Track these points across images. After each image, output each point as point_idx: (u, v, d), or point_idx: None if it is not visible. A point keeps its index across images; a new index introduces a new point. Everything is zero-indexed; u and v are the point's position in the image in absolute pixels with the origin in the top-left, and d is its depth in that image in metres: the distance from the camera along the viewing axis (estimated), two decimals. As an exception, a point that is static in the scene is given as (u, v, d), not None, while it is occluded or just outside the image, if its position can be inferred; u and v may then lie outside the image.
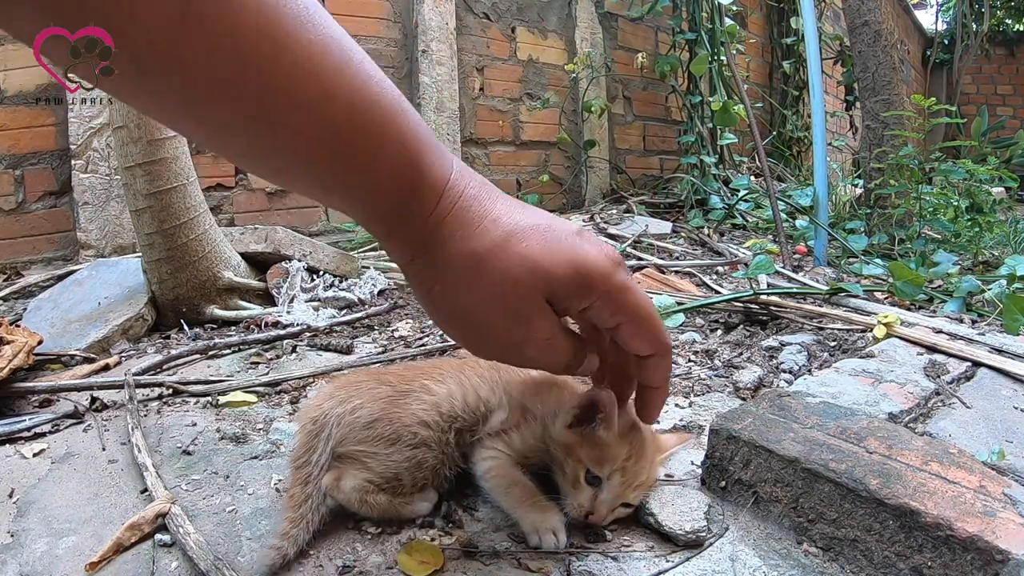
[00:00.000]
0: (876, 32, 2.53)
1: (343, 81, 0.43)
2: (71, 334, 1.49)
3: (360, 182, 0.47)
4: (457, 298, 0.52)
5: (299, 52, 0.40)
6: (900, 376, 1.06)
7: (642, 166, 4.09)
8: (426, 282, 0.52)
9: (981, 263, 2.29)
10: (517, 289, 0.51)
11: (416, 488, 0.74)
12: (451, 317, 0.54)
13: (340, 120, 0.44)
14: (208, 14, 0.37)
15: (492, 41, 3.29)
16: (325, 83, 0.42)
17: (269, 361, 1.35)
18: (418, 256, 0.51)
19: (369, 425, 0.74)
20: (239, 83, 0.40)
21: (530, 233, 0.52)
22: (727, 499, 0.76)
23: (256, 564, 0.67)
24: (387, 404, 0.75)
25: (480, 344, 0.56)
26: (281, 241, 1.78)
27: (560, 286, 0.52)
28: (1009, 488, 0.65)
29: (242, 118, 0.42)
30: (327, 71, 0.42)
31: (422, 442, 0.74)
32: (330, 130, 0.44)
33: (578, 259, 0.53)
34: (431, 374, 0.80)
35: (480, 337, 0.55)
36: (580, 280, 0.53)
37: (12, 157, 2.11)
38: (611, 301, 0.55)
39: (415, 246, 0.51)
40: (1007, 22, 8.19)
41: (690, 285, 1.91)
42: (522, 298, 0.52)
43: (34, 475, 0.87)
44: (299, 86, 0.41)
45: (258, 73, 0.40)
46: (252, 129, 0.43)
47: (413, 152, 0.48)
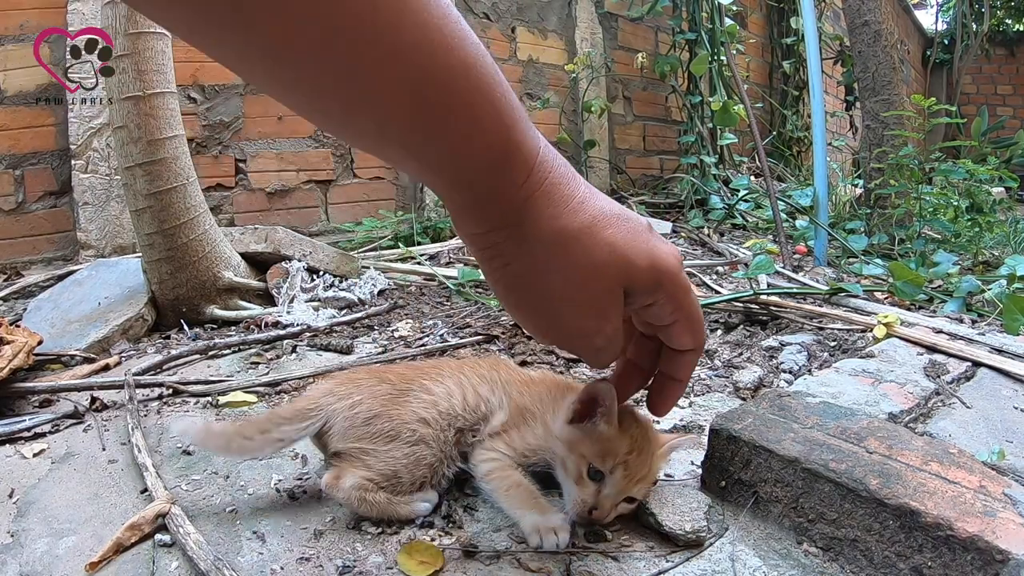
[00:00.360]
0: (876, 32, 2.53)
1: (443, 37, 0.41)
2: (71, 334, 1.49)
3: (453, 144, 0.45)
4: (539, 276, 0.51)
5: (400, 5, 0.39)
6: (900, 376, 1.06)
7: (642, 166, 4.09)
8: (503, 255, 0.51)
9: (981, 263, 2.29)
10: (601, 276, 0.51)
11: (415, 486, 0.74)
12: (526, 296, 0.53)
13: (440, 77, 0.42)
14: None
15: (492, 41, 3.29)
16: (428, 37, 0.40)
17: (269, 361, 1.35)
18: (501, 228, 0.49)
19: (368, 421, 0.74)
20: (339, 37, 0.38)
21: (614, 221, 0.52)
22: (727, 499, 0.76)
23: (173, 427, 0.75)
24: (387, 401, 0.76)
25: (549, 328, 0.55)
26: (281, 241, 1.78)
27: (639, 279, 0.53)
28: (1009, 488, 0.65)
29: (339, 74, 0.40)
30: (429, 24, 0.40)
31: (421, 439, 0.74)
32: (430, 87, 0.42)
33: (655, 255, 0.53)
34: (430, 373, 0.80)
35: (552, 321, 0.54)
36: (655, 276, 0.53)
37: (12, 157, 2.11)
38: (674, 300, 0.56)
39: (500, 218, 0.49)
40: (1007, 22, 8.19)
41: (690, 285, 1.90)
42: (604, 287, 0.52)
43: (34, 475, 0.87)
44: (401, 38, 0.39)
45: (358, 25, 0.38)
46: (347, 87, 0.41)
47: (508, 120, 0.46)
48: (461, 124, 0.44)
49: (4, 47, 2.06)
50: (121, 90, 1.49)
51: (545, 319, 0.54)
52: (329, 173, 2.76)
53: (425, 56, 0.41)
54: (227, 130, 2.50)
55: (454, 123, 0.44)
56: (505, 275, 0.52)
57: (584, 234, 0.50)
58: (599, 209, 0.51)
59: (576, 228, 0.50)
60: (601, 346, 0.55)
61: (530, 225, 0.49)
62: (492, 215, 0.49)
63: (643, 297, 0.55)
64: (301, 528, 0.73)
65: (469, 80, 0.43)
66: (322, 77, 0.40)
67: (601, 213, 0.51)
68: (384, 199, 2.88)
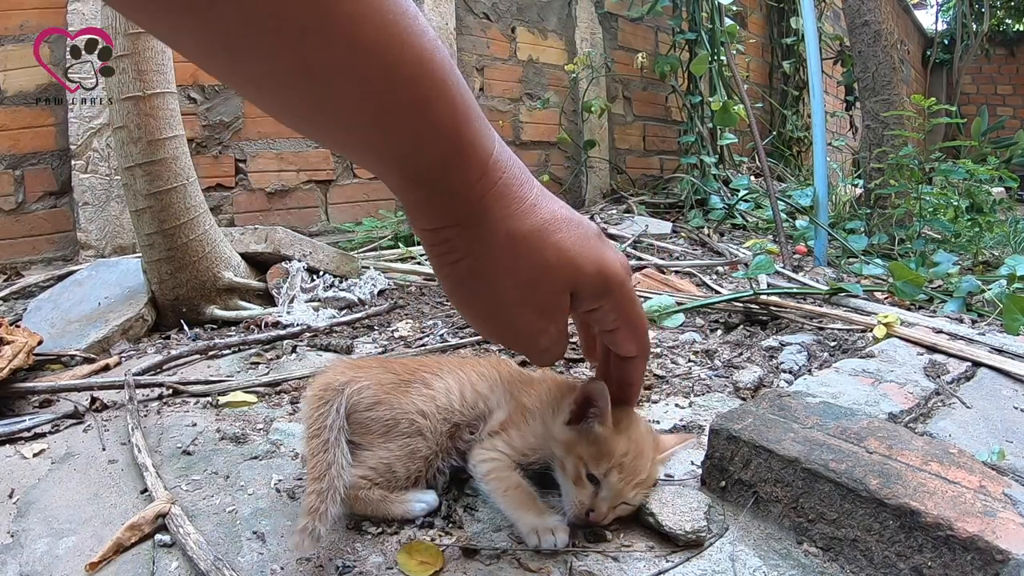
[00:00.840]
0: (876, 32, 2.53)
1: (400, 33, 0.41)
2: (71, 334, 1.49)
3: (408, 142, 0.46)
4: (488, 275, 0.52)
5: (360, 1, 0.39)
6: (900, 376, 1.06)
7: (642, 166, 4.09)
8: (454, 252, 0.51)
9: (981, 263, 2.29)
10: (550, 277, 0.53)
11: (410, 480, 0.75)
12: (474, 293, 0.54)
13: (395, 73, 0.42)
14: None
15: (492, 41, 3.29)
16: (385, 32, 0.41)
17: (269, 361, 1.35)
18: (453, 225, 0.50)
19: (371, 407, 0.75)
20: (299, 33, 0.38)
21: (565, 225, 0.53)
22: (727, 499, 0.76)
23: (292, 548, 0.66)
24: (390, 390, 0.76)
25: (496, 325, 0.56)
26: (281, 241, 1.78)
27: (586, 283, 0.54)
28: (1009, 488, 0.65)
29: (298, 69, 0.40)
30: (387, 20, 0.41)
31: (417, 431, 0.74)
32: (385, 82, 0.42)
33: (603, 262, 0.55)
34: (432, 368, 0.81)
35: (498, 319, 0.55)
36: (602, 282, 0.55)
37: (12, 157, 2.11)
38: (619, 307, 0.58)
39: (452, 215, 0.50)
40: (1007, 22, 8.18)
41: (690, 285, 1.91)
42: (552, 289, 0.54)
43: (34, 475, 0.87)
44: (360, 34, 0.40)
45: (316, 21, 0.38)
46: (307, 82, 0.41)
47: (463, 118, 0.47)
48: (416, 120, 0.45)
49: (4, 47, 2.06)
50: (121, 90, 1.49)
51: (492, 317, 0.55)
52: (329, 173, 2.76)
53: (382, 53, 0.41)
54: (227, 130, 2.50)
55: (409, 119, 0.44)
56: (454, 271, 0.52)
57: (535, 236, 0.51)
58: (551, 213, 0.53)
59: (527, 230, 0.51)
60: (545, 346, 0.57)
61: (482, 224, 0.50)
62: (445, 212, 0.50)
63: (589, 301, 0.57)
64: (301, 528, 0.73)
65: (424, 77, 0.43)
66: (283, 72, 0.41)
67: (553, 217, 0.53)
68: (384, 199, 2.88)
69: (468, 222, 0.50)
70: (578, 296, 0.55)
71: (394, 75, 0.42)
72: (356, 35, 0.40)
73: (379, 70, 0.41)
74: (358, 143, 0.47)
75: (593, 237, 0.55)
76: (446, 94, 0.45)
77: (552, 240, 0.52)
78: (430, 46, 0.44)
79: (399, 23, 0.41)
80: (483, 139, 0.48)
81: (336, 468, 0.69)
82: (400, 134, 0.45)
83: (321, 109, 0.44)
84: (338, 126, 0.45)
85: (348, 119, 0.44)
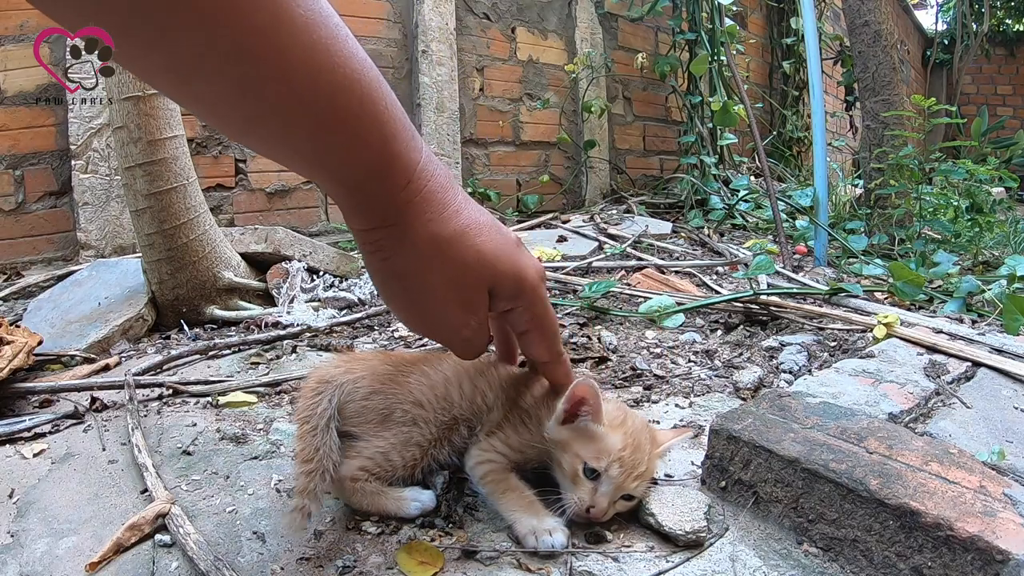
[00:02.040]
0: (876, 32, 2.53)
1: (330, 57, 0.45)
2: (71, 334, 1.49)
3: (338, 155, 0.50)
4: (414, 272, 0.57)
5: (292, 26, 0.43)
6: (900, 376, 1.06)
7: (642, 166, 4.09)
8: (384, 251, 0.56)
9: (981, 263, 2.29)
10: (470, 276, 0.58)
11: (407, 470, 0.75)
12: (401, 289, 0.59)
13: (325, 93, 0.46)
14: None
15: (492, 41, 3.29)
16: (315, 58, 0.45)
17: (269, 361, 1.35)
18: (383, 227, 0.55)
19: (367, 396, 0.76)
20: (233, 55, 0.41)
21: (485, 230, 0.59)
22: (727, 499, 0.76)
23: (283, 529, 0.71)
24: (386, 380, 0.77)
25: (422, 319, 0.62)
26: (281, 241, 1.78)
27: (503, 283, 0.60)
28: (1009, 488, 0.65)
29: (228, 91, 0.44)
30: (317, 46, 0.44)
31: (412, 420, 0.75)
32: (316, 103, 0.46)
33: (519, 265, 0.61)
34: (431, 361, 0.81)
35: (424, 313, 0.61)
36: (517, 283, 0.61)
37: (12, 157, 2.11)
38: (531, 309, 0.64)
39: (381, 218, 0.55)
40: (1007, 22, 8.19)
41: (690, 285, 1.91)
42: (472, 286, 0.59)
43: (34, 475, 0.87)
44: (291, 59, 0.43)
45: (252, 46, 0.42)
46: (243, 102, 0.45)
47: (389, 132, 0.51)
48: (345, 136, 0.49)
49: (4, 47, 2.06)
50: (121, 90, 1.49)
51: (418, 310, 0.61)
52: (329, 173, 2.76)
53: (312, 78, 0.45)
54: (227, 130, 2.49)
55: (340, 135, 0.49)
56: (383, 268, 0.58)
57: (456, 239, 0.57)
58: (472, 219, 0.58)
59: (449, 233, 0.56)
60: (468, 337, 0.63)
61: (408, 227, 0.55)
62: (375, 215, 0.55)
63: (504, 302, 0.62)
64: (301, 528, 0.73)
65: (353, 96, 0.48)
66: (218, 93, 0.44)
67: (474, 222, 0.58)
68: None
69: (396, 225, 0.55)
70: (495, 295, 0.61)
71: (324, 97, 0.46)
72: (286, 63, 0.43)
73: (309, 93, 0.45)
74: (293, 155, 0.51)
75: (511, 243, 0.61)
76: (374, 111, 0.50)
77: (472, 243, 0.57)
78: (358, 67, 0.48)
79: (328, 48, 0.45)
80: (410, 151, 0.53)
81: (325, 451, 0.71)
82: (331, 148, 0.50)
83: (256, 126, 0.48)
84: (272, 141, 0.50)
85: (282, 135, 0.49)
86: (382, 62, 2.87)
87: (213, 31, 0.40)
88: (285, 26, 0.42)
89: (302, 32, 0.43)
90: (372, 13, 2.85)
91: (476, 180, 3.17)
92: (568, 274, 1.97)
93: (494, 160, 3.34)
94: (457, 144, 3.08)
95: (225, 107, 0.47)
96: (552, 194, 3.53)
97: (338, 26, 0.46)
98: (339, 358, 0.85)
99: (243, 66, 0.42)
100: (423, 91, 2.94)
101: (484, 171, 3.28)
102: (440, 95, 2.99)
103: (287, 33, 0.43)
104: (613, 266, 2.11)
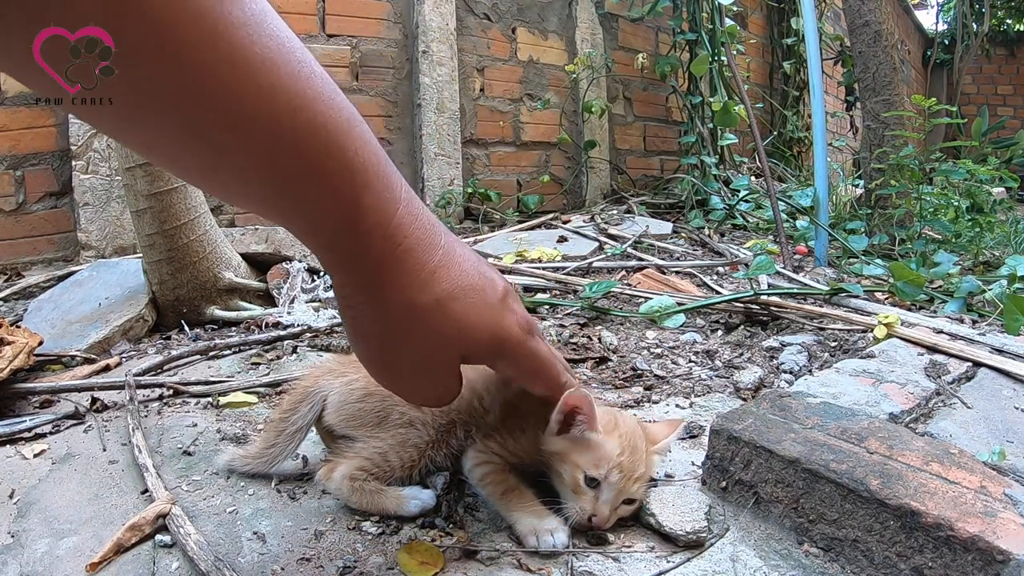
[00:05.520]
0: (876, 32, 2.53)
1: (291, 99, 0.40)
2: (71, 335, 1.49)
3: (304, 207, 0.46)
4: (384, 339, 0.53)
5: (247, 66, 0.38)
6: (901, 376, 1.06)
7: (642, 167, 4.09)
8: (354, 309, 0.52)
9: (981, 263, 2.29)
10: (442, 349, 0.54)
11: (406, 470, 0.75)
12: (369, 350, 0.55)
13: (287, 141, 0.41)
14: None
15: (492, 42, 3.29)
16: (274, 102, 0.39)
17: (270, 362, 1.35)
18: (354, 285, 0.51)
19: (362, 399, 0.76)
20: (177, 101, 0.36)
21: (461, 295, 0.53)
22: (728, 499, 0.76)
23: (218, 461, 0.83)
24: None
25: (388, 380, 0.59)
26: (282, 241, 1.78)
27: (477, 351, 0.57)
28: (1010, 488, 0.65)
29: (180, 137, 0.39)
30: (277, 88, 0.39)
31: (409, 422, 0.75)
32: (276, 150, 0.41)
33: (499, 329, 0.56)
34: None
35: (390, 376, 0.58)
36: (496, 348, 0.57)
37: (12, 158, 2.11)
38: (516, 365, 0.61)
39: (352, 277, 0.50)
40: (1007, 22, 8.19)
41: (690, 285, 1.91)
42: (444, 359, 0.56)
43: (35, 476, 0.87)
44: (245, 104, 0.38)
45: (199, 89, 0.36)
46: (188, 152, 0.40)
47: (360, 182, 0.46)
48: (311, 187, 0.44)
49: (5, 48, 2.06)
50: (122, 91, 1.49)
51: (385, 373, 0.58)
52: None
53: (272, 120, 0.40)
54: (227, 131, 2.49)
55: (304, 185, 0.44)
56: (353, 327, 0.54)
57: (432, 309, 0.51)
58: (450, 281, 0.52)
59: (424, 302, 0.51)
60: (436, 398, 0.61)
61: (380, 290, 0.50)
62: (346, 272, 0.50)
63: (485, 361, 0.60)
64: (301, 528, 0.73)
65: (319, 142, 0.42)
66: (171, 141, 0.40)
67: (452, 286, 0.52)
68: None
69: (367, 286, 0.50)
70: (472, 358, 0.58)
71: (285, 145, 0.41)
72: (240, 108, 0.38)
73: (267, 140, 0.40)
74: (257, 205, 0.46)
75: (494, 303, 0.56)
76: (343, 159, 0.44)
77: (449, 312, 0.52)
78: (324, 108, 0.42)
79: (290, 89, 0.40)
80: (384, 203, 0.48)
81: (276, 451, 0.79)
82: (296, 200, 0.45)
83: (215, 174, 0.43)
84: (233, 190, 0.45)
85: (241, 186, 0.44)
86: (382, 62, 2.87)
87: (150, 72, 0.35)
88: (239, 67, 0.37)
89: (259, 72, 0.38)
90: (372, 13, 2.85)
91: (476, 180, 3.17)
92: (569, 274, 1.97)
93: (494, 160, 3.34)
94: (457, 144, 3.08)
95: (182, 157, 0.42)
96: (552, 194, 3.53)
97: (301, 63, 0.41)
98: (335, 359, 0.85)
99: (190, 112, 0.37)
100: (423, 91, 2.94)
101: (484, 171, 3.28)
102: (440, 95, 2.99)
103: (241, 75, 0.37)
104: (613, 266, 2.11)
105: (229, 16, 0.36)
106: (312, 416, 0.79)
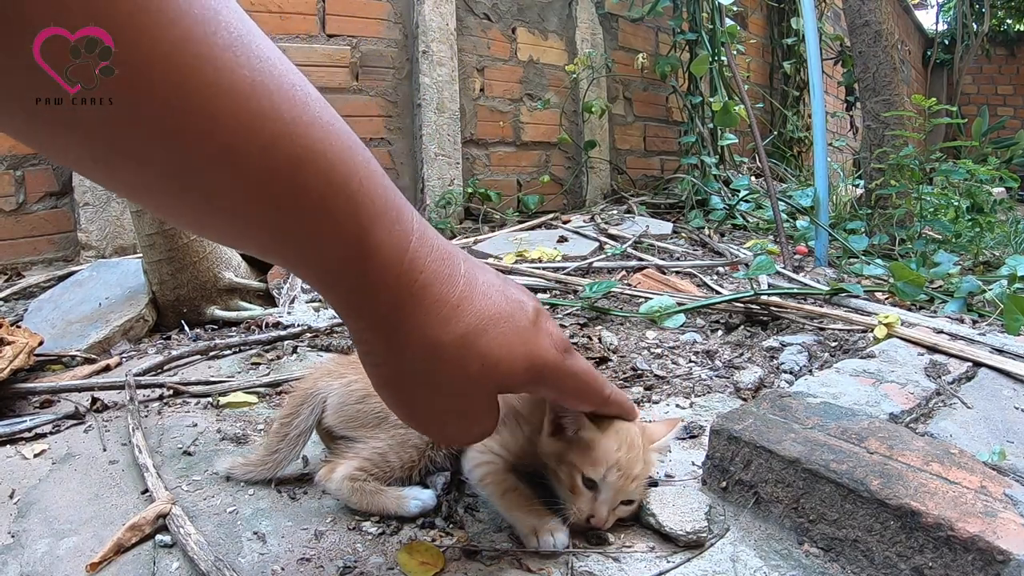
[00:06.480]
0: (876, 32, 2.53)
1: (285, 127, 0.36)
2: (72, 335, 1.49)
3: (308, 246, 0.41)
4: (409, 385, 0.49)
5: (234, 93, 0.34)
6: (901, 376, 1.06)
7: (643, 167, 4.09)
8: (375, 355, 0.48)
9: (982, 263, 2.29)
10: (474, 388, 0.50)
11: (405, 470, 0.75)
12: (396, 396, 0.52)
13: (283, 175, 0.37)
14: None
15: (492, 42, 3.29)
16: (263, 132, 0.35)
17: (270, 362, 1.35)
18: (371, 329, 0.46)
19: (361, 400, 0.77)
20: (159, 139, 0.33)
21: (490, 325, 0.49)
22: (728, 499, 0.76)
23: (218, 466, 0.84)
24: None
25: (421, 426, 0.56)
26: (282, 242, 1.77)
27: (513, 383, 0.53)
28: (1010, 488, 0.65)
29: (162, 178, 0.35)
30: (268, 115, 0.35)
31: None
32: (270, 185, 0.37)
33: (534, 356, 0.52)
34: None
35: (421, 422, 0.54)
36: (534, 375, 0.53)
37: (13, 158, 2.11)
38: (558, 388, 0.58)
39: (366, 319, 0.46)
40: (1007, 22, 8.19)
41: (690, 285, 1.91)
42: (477, 398, 0.51)
43: (35, 476, 0.87)
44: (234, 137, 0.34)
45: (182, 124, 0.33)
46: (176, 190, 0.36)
47: (366, 216, 0.41)
48: (312, 223, 0.39)
49: (5, 48, 2.06)
50: (122, 91, 1.49)
51: (416, 420, 0.54)
52: (330, 174, 2.76)
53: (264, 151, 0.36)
54: (228, 131, 2.49)
55: (304, 222, 0.39)
56: (375, 373, 0.50)
57: (457, 346, 0.47)
58: (475, 314, 0.48)
59: (448, 340, 0.46)
60: (472, 441, 0.59)
61: (398, 331, 0.45)
62: (359, 314, 0.46)
63: (523, 389, 0.56)
64: (302, 529, 0.73)
65: (318, 173, 0.38)
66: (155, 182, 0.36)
67: (477, 319, 0.48)
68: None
69: (385, 329, 0.45)
70: (508, 391, 0.54)
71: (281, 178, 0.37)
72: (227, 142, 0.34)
73: (259, 174, 0.36)
74: (253, 247, 0.42)
75: (526, 328, 0.51)
76: (346, 190, 0.40)
77: (477, 347, 0.48)
78: (322, 135, 0.38)
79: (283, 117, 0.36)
80: (395, 238, 0.44)
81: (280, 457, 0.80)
82: (297, 239, 0.40)
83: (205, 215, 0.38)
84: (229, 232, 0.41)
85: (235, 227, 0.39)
86: (382, 62, 2.87)
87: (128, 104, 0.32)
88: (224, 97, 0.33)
89: (249, 99, 0.34)
90: (372, 13, 2.85)
91: (476, 180, 3.17)
92: (569, 274, 1.97)
93: (495, 160, 3.34)
94: (458, 144, 3.08)
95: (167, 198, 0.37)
96: (553, 194, 3.53)
97: (295, 86, 0.37)
98: (334, 361, 0.86)
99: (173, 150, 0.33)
100: (423, 91, 2.94)
101: (484, 171, 3.28)
102: (440, 95, 2.99)
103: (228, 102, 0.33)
104: (614, 266, 2.11)
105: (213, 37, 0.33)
106: (313, 420, 0.79)
